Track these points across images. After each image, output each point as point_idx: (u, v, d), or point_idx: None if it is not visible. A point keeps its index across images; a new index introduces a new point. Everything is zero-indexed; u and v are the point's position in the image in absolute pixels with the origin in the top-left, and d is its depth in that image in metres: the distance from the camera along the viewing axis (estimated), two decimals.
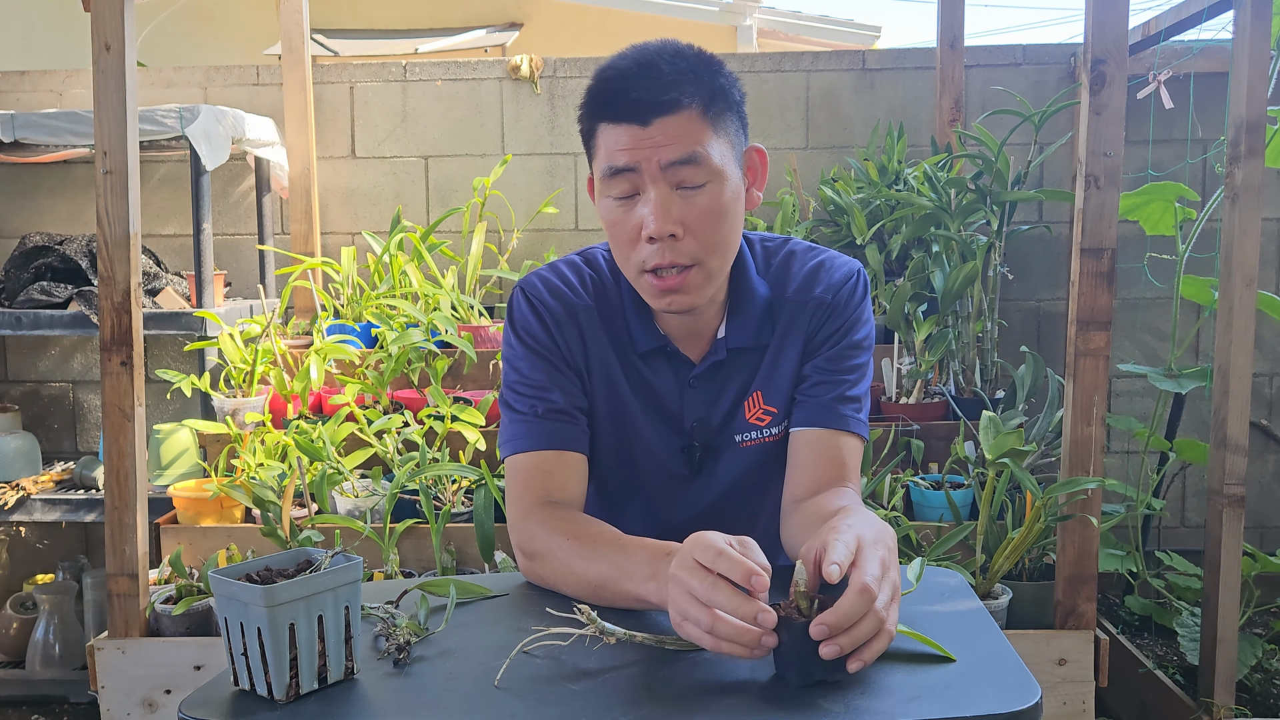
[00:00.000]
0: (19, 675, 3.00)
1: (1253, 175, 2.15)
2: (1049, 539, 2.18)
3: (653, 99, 1.18)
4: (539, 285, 1.34)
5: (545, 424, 1.29)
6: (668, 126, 1.18)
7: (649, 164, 1.18)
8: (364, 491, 2.48)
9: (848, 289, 1.34)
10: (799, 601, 0.95)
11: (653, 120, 1.18)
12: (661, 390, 1.34)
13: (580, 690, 0.93)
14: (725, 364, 1.33)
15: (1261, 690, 2.40)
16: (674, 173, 1.19)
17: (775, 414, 1.34)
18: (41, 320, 2.81)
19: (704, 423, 1.34)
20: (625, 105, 1.19)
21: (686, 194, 1.20)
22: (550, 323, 1.32)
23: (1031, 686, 0.91)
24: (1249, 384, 2.18)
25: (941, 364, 2.76)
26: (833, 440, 1.31)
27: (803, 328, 1.33)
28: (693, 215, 1.20)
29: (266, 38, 5.02)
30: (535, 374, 1.31)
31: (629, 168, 1.19)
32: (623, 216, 1.22)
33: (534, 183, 3.29)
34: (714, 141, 1.20)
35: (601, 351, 1.33)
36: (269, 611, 0.90)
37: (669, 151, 1.18)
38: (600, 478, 1.40)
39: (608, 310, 1.34)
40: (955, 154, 2.85)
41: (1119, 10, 2.00)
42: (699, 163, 1.19)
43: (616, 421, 1.35)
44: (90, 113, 2.62)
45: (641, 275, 1.24)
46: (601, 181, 1.23)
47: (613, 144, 1.20)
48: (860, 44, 5.72)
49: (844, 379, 1.32)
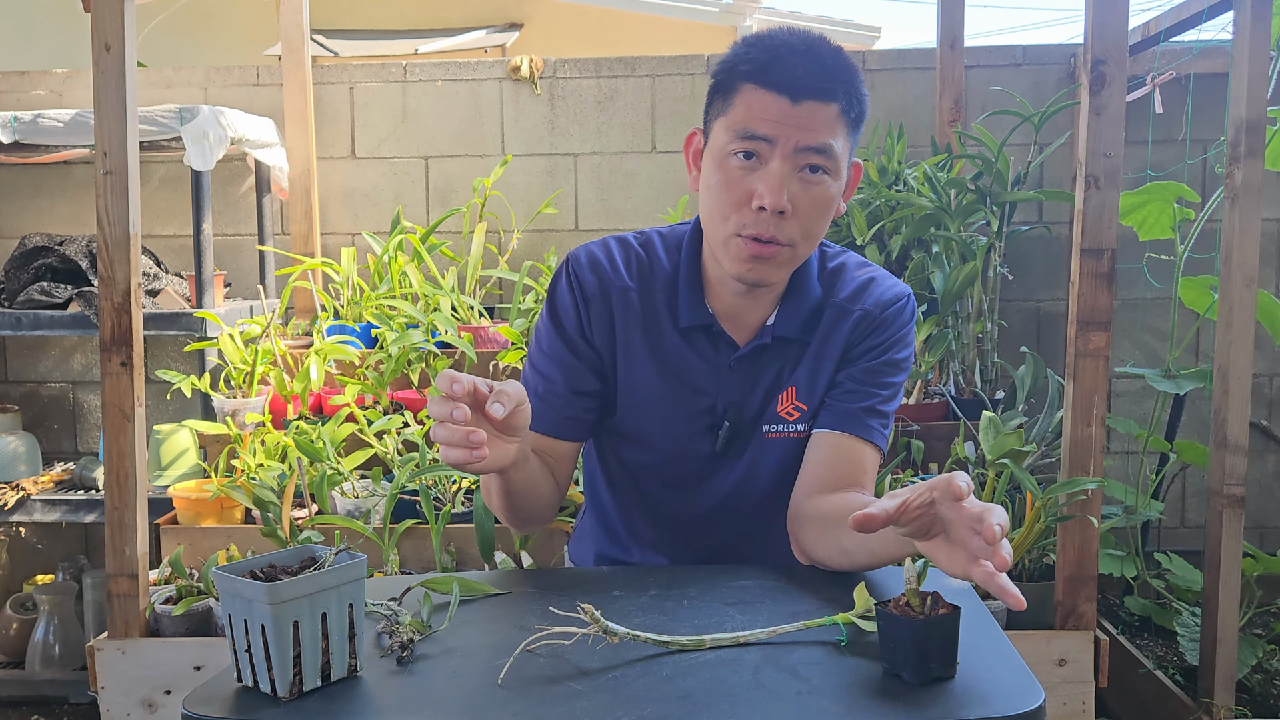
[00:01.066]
0: (19, 675, 3.00)
1: (1253, 176, 2.15)
2: (1049, 539, 2.18)
3: (812, 81, 1.22)
4: (582, 259, 1.38)
5: (540, 405, 1.35)
6: (815, 112, 1.22)
7: (786, 140, 1.22)
8: (364, 492, 2.48)
9: (895, 308, 1.36)
10: (910, 599, 0.95)
11: (804, 101, 1.21)
12: (697, 370, 1.36)
13: (583, 690, 0.93)
14: (769, 350, 1.36)
15: (1261, 690, 2.40)
16: (804, 156, 1.23)
17: (804, 411, 1.36)
18: (41, 320, 2.81)
19: (737, 406, 1.36)
20: (784, 77, 1.22)
21: (806, 179, 1.24)
22: (580, 298, 1.36)
23: (1035, 689, 0.91)
24: (1249, 384, 2.18)
25: (941, 364, 2.76)
26: (854, 447, 1.32)
27: (844, 334, 1.35)
28: (805, 201, 1.24)
29: (266, 38, 5.02)
30: (551, 349, 1.37)
31: (766, 138, 1.22)
32: (740, 178, 1.24)
33: (534, 183, 3.29)
34: (842, 141, 1.25)
35: (629, 331, 1.36)
36: (273, 608, 0.90)
37: (809, 136, 1.22)
38: (620, 458, 1.42)
39: (648, 290, 1.37)
40: (955, 154, 2.85)
41: (1119, 11, 2.00)
42: (828, 155, 1.23)
43: (639, 399, 1.37)
44: (90, 113, 2.62)
45: (734, 237, 1.26)
46: (729, 139, 1.24)
47: (757, 109, 1.23)
48: (860, 44, 5.72)
49: (877, 393, 1.34)
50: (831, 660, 0.98)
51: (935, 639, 0.92)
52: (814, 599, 1.16)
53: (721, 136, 1.26)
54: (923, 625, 0.92)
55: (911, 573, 0.96)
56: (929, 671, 0.92)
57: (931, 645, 0.92)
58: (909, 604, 0.95)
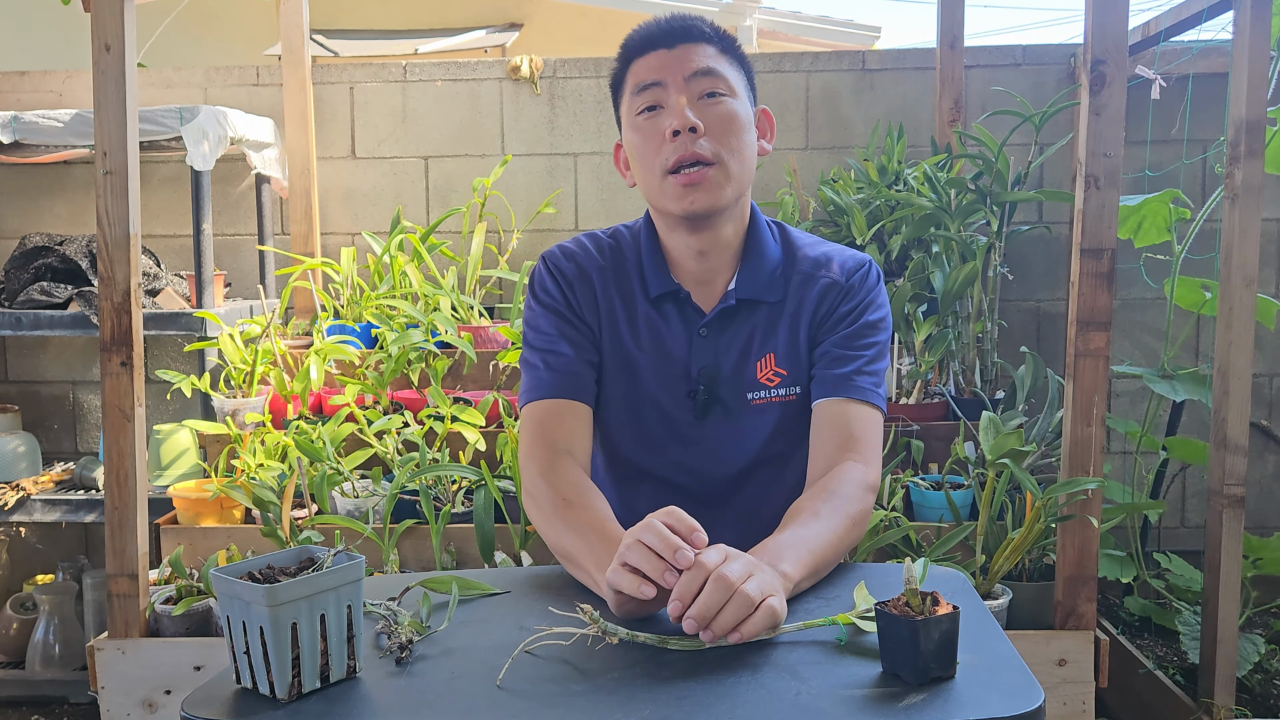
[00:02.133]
0: (19, 675, 3.00)
1: (1253, 176, 2.15)
2: (1049, 539, 2.18)
3: (678, 27, 1.37)
4: (557, 253, 1.47)
5: (552, 375, 1.39)
6: (690, 49, 1.36)
7: (674, 77, 1.34)
8: (364, 492, 2.47)
9: (860, 273, 1.43)
10: (910, 599, 0.95)
11: (677, 45, 1.36)
12: (670, 338, 1.42)
13: (583, 690, 0.93)
14: (735, 313, 1.41)
15: (1261, 690, 2.40)
16: (695, 83, 1.34)
17: (785, 375, 1.41)
18: (41, 320, 2.81)
19: (710, 370, 1.40)
20: (656, 34, 1.37)
21: (706, 102, 1.34)
22: (563, 282, 1.44)
23: (1034, 689, 0.91)
24: (1249, 384, 2.18)
25: (941, 364, 2.76)
26: (845, 410, 1.36)
27: (813, 300, 1.41)
28: (711, 117, 1.34)
29: (266, 38, 5.02)
30: (549, 329, 1.41)
31: (655, 82, 1.35)
32: (648, 126, 1.36)
33: (534, 183, 3.29)
34: (728, 69, 1.37)
35: (611, 304, 1.43)
36: (271, 610, 0.90)
37: (690, 65, 1.35)
38: (609, 429, 1.44)
39: (622, 268, 1.45)
40: (955, 154, 2.85)
41: (1119, 11, 2.00)
42: (716, 75, 1.35)
43: (623, 371, 1.42)
44: (90, 113, 2.62)
45: (665, 179, 1.35)
46: (630, 101, 1.38)
47: (641, 70, 1.37)
48: (860, 44, 5.72)
49: (861, 354, 1.39)
50: (831, 660, 0.98)
51: (934, 639, 0.92)
52: (814, 599, 1.16)
53: (627, 111, 1.39)
54: (922, 625, 0.92)
55: (911, 572, 0.96)
56: (928, 671, 0.92)
57: (931, 645, 0.92)
58: (908, 604, 0.95)
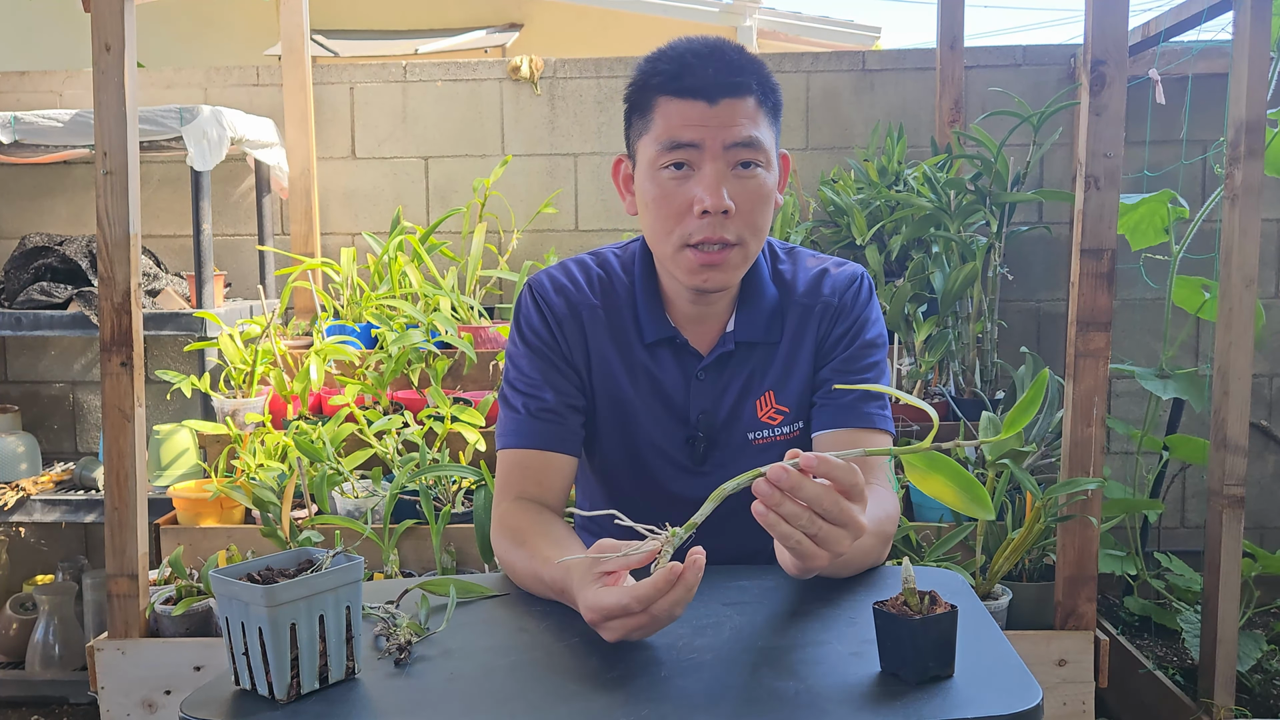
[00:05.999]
0: (19, 676, 3.00)
1: (1253, 176, 2.15)
2: (1049, 539, 2.18)
3: (724, 79, 1.23)
4: (545, 283, 1.38)
5: (534, 423, 1.33)
6: (734, 108, 1.23)
7: (713, 142, 1.22)
8: (364, 492, 2.48)
9: (852, 291, 1.37)
10: (908, 598, 0.95)
11: (720, 100, 1.23)
12: (667, 382, 1.36)
13: (582, 690, 0.93)
14: (733, 356, 1.36)
15: (1261, 690, 2.40)
16: (734, 153, 1.23)
17: (787, 414, 1.37)
18: (41, 321, 2.81)
19: (709, 415, 1.36)
20: (696, 81, 1.23)
21: (741, 174, 1.24)
22: (552, 320, 1.36)
23: (1032, 688, 0.91)
24: (1249, 384, 2.18)
25: (941, 365, 2.76)
26: (858, 438, 1.32)
27: (813, 331, 1.36)
28: (744, 196, 1.24)
29: (266, 38, 5.02)
30: (533, 372, 1.35)
31: (692, 144, 1.23)
32: (675, 189, 1.25)
33: (534, 183, 3.29)
34: (766, 131, 1.26)
35: (603, 348, 1.36)
36: (270, 611, 0.90)
37: (734, 132, 1.23)
38: (608, 474, 1.41)
39: (614, 307, 1.37)
40: (955, 155, 2.85)
41: (1119, 11, 2.00)
42: (756, 147, 1.24)
43: (619, 416, 1.37)
44: (90, 113, 2.62)
45: (682, 250, 1.27)
46: (657, 153, 1.25)
47: (676, 119, 1.24)
48: (860, 45, 5.72)
49: (863, 377, 1.35)
50: (830, 660, 0.98)
51: (933, 638, 0.92)
52: (813, 599, 1.16)
53: (649, 153, 1.27)
54: (920, 624, 0.92)
55: (909, 572, 0.96)
56: (926, 671, 0.92)
57: (929, 644, 0.92)
58: (906, 603, 0.95)
